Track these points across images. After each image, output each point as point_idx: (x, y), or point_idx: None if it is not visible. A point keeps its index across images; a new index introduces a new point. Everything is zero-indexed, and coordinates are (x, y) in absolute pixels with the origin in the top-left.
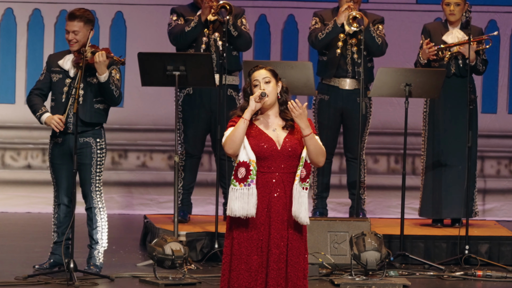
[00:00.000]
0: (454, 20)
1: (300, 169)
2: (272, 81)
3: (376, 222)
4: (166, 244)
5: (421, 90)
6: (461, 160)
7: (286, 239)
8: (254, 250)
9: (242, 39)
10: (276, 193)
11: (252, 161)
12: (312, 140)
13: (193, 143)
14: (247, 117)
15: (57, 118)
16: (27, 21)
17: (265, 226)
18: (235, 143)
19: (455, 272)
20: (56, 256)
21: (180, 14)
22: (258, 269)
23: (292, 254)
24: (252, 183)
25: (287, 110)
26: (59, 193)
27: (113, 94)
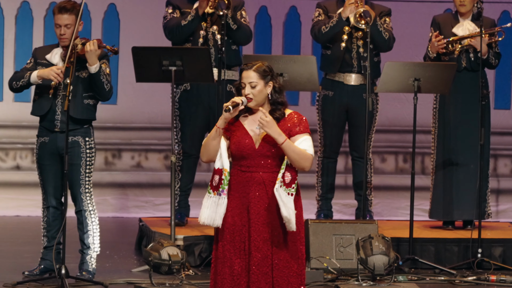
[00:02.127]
0: (464, 11)
1: (281, 172)
2: (259, 84)
3: (383, 224)
4: (163, 249)
5: (431, 85)
6: (473, 159)
7: (270, 242)
8: (237, 253)
9: (242, 33)
10: (257, 192)
11: (225, 169)
12: (288, 147)
13: (190, 141)
14: (220, 125)
15: (56, 68)
16: (15, 14)
17: (246, 228)
18: (208, 151)
19: (467, 277)
20: (47, 262)
21: (176, 6)
22: (241, 272)
23: (279, 258)
24: (223, 192)
25: (276, 110)
26: (47, 196)
27: (104, 87)
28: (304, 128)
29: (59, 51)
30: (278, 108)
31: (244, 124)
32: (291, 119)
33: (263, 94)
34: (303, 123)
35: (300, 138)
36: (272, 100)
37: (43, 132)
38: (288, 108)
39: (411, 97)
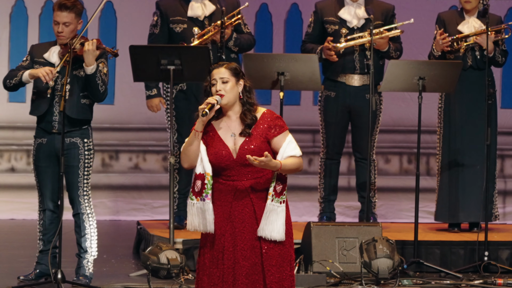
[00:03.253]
0: (470, 8)
1: (272, 186)
2: (231, 81)
3: (388, 227)
4: (161, 252)
5: (436, 84)
6: (479, 159)
7: (259, 249)
8: (214, 262)
9: (245, 48)
10: (241, 200)
11: (208, 174)
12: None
13: None
14: (199, 128)
15: (47, 69)
16: (9, 12)
17: (226, 237)
18: (189, 157)
19: (473, 281)
20: (42, 266)
21: (164, 12)
22: (217, 283)
23: (270, 264)
24: (207, 197)
25: (247, 112)
26: (44, 198)
27: (98, 89)
28: (280, 127)
29: (57, 49)
30: (249, 110)
31: (218, 132)
32: (265, 120)
33: (234, 92)
34: (278, 120)
35: (283, 142)
36: (243, 100)
37: (40, 133)
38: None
39: (416, 96)
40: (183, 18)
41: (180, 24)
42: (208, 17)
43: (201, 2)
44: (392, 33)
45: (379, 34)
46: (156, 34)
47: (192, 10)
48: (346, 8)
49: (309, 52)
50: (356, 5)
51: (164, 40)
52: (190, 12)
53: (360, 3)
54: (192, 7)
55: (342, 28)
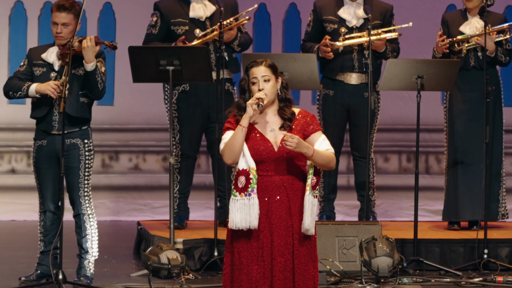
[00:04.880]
0: (472, 6)
1: (310, 178)
2: (272, 79)
3: (387, 225)
4: (162, 253)
5: (434, 82)
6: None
7: (292, 246)
8: (254, 259)
9: (245, 47)
10: (277, 197)
11: (252, 168)
12: (318, 156)
13: (189, 143)
14: (245, 124)
15: (53, 83)
16: (8, 14)
17: (265, 233)
18: (234, 153)
19: (473, 278)
20: (43, 267)
21: (164, 13)
22: (259, 279)
23: (300, 262)
24: (253, 192)
25: (285, 107)
26: (45, 199)
27: (98, 86)
28: (317, 125)
29: (55, 50)
30: (287, 106)
31: (256, 127)
32: (304, 116)
33: (274, 90)
34: (314, 119)
35: (319, 138)
36: (281, 97)
37: (40, 135)
38: (293, 106)
39: (414, 95)
40: (184, 19)
41: (182, 26)
42: (209, 18)
43: (201, 3)
44: (389, 35)
45: (377, 35)
46: (154, 34)
47: (194, 11)
48: (346, 8)
49: (308, 51)
50: (356, 5)
51: (161, 41)
52: (192, 13)
53: (359, 3)
54: (194, 8)
55: (341, 27)
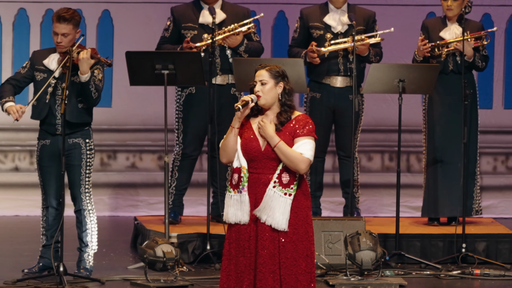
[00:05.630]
0: (452, 15)
1: (276, 173)
2: (270, 83)
3: (370, 221)
4: (157, 246)
5: (415, 86)
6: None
7: (278, 241)
8: (241, 251)
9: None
10: (263, 193)
11: (243, 167)
12: (280, 150)
13: (191, 143)
14: (235, 125)
15: (18, 107)
16: (12, 20)
17: (252, 227)
18: (226, 152)
19: (452, 271)
20: (45, 260)
21: (177, 18)
22: (244, 270)
23: (286, 257)
24: (243, 189)
25: (284, 112)
26: (47, 196)
27: (91, 95)
28: (308, 131)
29: (56, 57)
30: (286, 111)
31: (253, 127)
32: (298, 121)
33: (272, 93)
34: (307, 125)
35: (301, 141)
36: (282, 102)
37: (44, 135)
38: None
39: (396, 97)
40: (194, 24)
41: (191, 30)
42: (218, 25)
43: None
44: (372, 40)
45: (360, 40)
46: (166, 37)
47: (204, 18)
48: (331, 15)
49: (295, 56)
50: (340, 12)
51: (172, 43)
52: (202, 19)
53: (343, 10)
54: (204, 15)
55: (326, 33)
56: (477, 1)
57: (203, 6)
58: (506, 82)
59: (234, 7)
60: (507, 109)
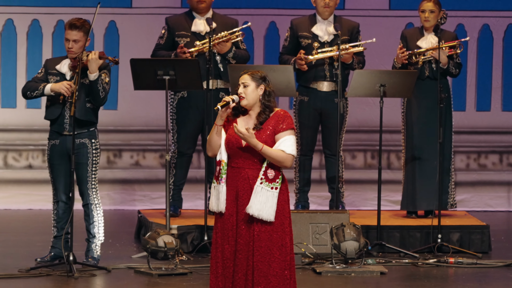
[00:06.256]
0: (429, 26)
1: (262, 170)
2: (251, 86)
3: (354, 213)
4: (159, 237)
5: (395, 90)
6: (436, 156)
7: (253, 231)
8: (226, 239)
9: (241, 61)
10: (243, 186)
11: (223, 161)
12: (266, 153)
13: (185, 142)
14: (218, 123)
15: (66, 83)
16: (26, 30)
17: (233, 217)
18: (211, 146)
19: (428, 260)
20: (56, 250)
21: (171, 27)
22: (229, 257)
23: (260, 245)
24: (222, 181)
25: (263, 112)
26: (57, 191)
27: (99, 94)
28: (288, 125)
29: (67, 62)
30: (265, 111)
31: (237, 124)
32: (278, 116)
33: (254, 95)
34: (286, 119)
35: (282, 138)
36: (262, 102)
37: (54, 135)
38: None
39: (378, 101)
40: (187, 32)
41: (184, 38)
42: (209, 33)
43: (203, 19)
44: (356, 49)
45: (345, 49)
46: (161, 44)
47: (196, 26)
48: (318, 25)
49: (285, 62)
50: (327, 23)
51: (167, 50)
52: (194, 28)
53: (330, 21)
54: (196, 24)
55: (314, 42)
56: (452, 12)
57: (195, 16)
58: (478, 86)
59: (223, 18)
60: (479, 111)
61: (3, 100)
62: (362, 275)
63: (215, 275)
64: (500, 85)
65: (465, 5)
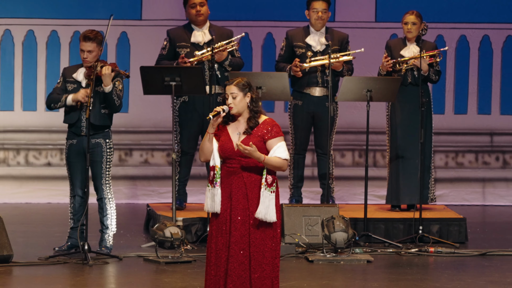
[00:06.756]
0: (411, 37)
1: (264, 177)
2: (239, 95)
3: (343, 207)
4: (166, 228)
5: (380, 95)
6: (418, 154)
7: (248, 224)
8: (219, 232)
9: (236, 68)
10: (238, 184)
11: (217, 166)
12: (268, 163)
13: (187, 142)
14: (210, 131)
15: (83, 91)
16: (46, 41)
17: (227, 212)
18: (203, 152)
19: (411, 249)
20: (73, 240)
21: (172, 38)
22: (222, 248)
23: (255, 237)
24: (216, 184)
25: (252, 118)
26: (74, 187)
27: (115, 103)
28: (276, 133)
29: (83, 71)
30: (254, 117)
31: (228, 131)
32: (265, 124)
33: (242, 103)
34: (274, 127)
35: (275, 145)
36: (250, 109)
37: (71, 136)
38: (263, 115)
39: (365, 104)
40: (187, 43)
41: (184, 48)
42: (207, 43)
43: (201, 31)
44: (345, 58)
45: (335, 58)
46: (164, 54)
47: (195, 37)
48: (311, 36)
49: (281, 70)
50: (319, 34)
51: (169, 60)
52: (193, 39)
53: (322, 32)
54: (195, 35)
55: (308, 51)
56: (432, 24)
57: (194, 28)
58: (456, 92)
59: (220, 29)
60: (456, 114)
61: (25, 103)
62: (350, 263)
63: (208, 264)
64: (476, 91)
65: (444, 17)
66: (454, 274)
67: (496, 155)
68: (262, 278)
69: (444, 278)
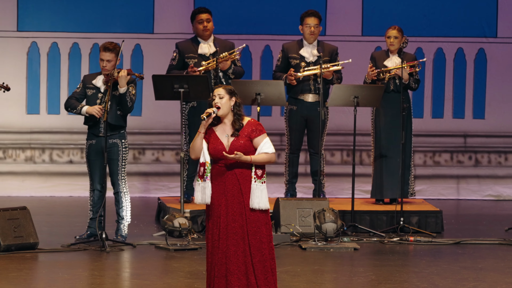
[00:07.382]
0: (393, 49)
1: (253, 171)
2: (225, 97)
3: (333, 200)
4: (175, 219)
5: (366, 101)
6: (399, 154)
7: (245, 216)
8: (215, 224)
9: (238, 76)
10: (231, 181)
11: (207, 162)
12: (256, 161)
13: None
14: (201, 130)
15: (97, 107)
16: (68, 52)
17: (222, 206)
18: (194, 151)
19: (393, 238)
20: (92, 229)
21: (181, 50)
22: (218, 239)
23: (251, 226)
24: (207, 178)
25: (236, 120)
26: (93, 182)
27: (127, 104)
28: (260, 131)
29: (102, 78)
30: (238, 119)
31: (216, 133)
32: (250, 125)
33: (228, 105)
34: (258, 126)
35: (261, 142)
36: (234, 112)
37: (91, 136)
38: (246, 117)
39: (352, 109)
40: (194, 54)
41: (192, 59)
42: (212, 54)
43: (207, 43)
44: (335, 68)
45: (326, 68)
46: (174, 64)
47: (201, 49)
48: (305, 48)
49: (278, 78)
50: (312, 46)
51: (178, 69)
52: (200, 50)
53: (314, 45)
54: (201, 47)
55: (301, 62)
56: (412, 38)
57: (200, 40)
58: (434, 98)
59: (223, 41)
60: (434, 118)
61: (49, 108)
62: (339, 250)
63: (207, 252)
64: (451, 97)
65: (423, 32)
66: (431, 261)
67: (469, 155)
68: (263, 261)
69: (423, 264)
